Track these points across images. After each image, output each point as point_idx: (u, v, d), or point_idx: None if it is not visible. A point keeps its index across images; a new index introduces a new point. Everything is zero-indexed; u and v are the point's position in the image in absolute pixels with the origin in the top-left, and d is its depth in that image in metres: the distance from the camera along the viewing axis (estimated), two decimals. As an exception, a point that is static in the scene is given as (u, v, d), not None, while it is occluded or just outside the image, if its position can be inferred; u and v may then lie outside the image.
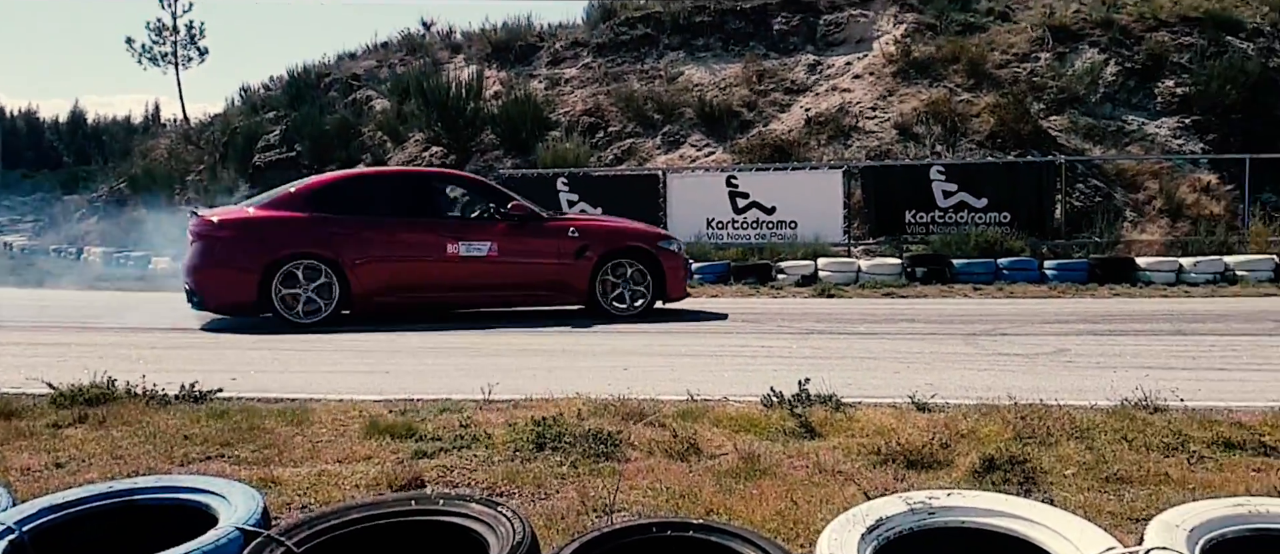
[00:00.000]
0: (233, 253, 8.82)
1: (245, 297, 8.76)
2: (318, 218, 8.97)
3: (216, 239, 8.87)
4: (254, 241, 8.84)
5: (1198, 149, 16.00)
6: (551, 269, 9.40)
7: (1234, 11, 18.32)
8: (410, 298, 9.19)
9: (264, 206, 9.25)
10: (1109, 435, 4.18)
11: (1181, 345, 7.41)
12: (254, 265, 8.69)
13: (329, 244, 8.86)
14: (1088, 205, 14.97)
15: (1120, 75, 17.27)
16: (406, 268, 9.14)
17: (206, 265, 8.84)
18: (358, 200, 9.32)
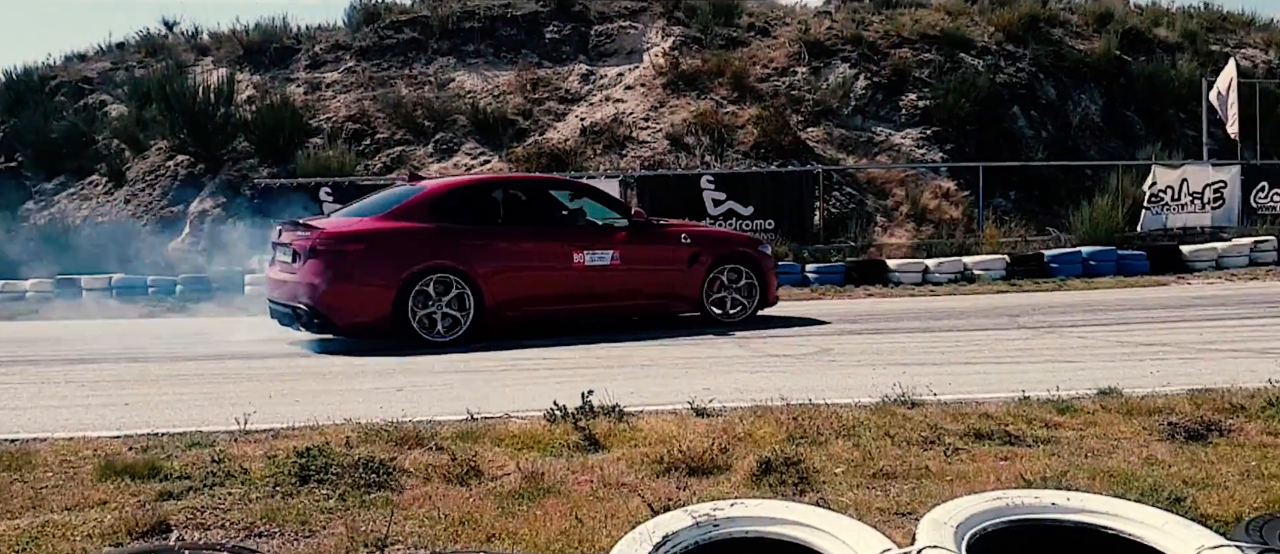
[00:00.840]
0: (367, 267, 8.05)
1: (380, 314, 7.97)
2: (445, 228, 8.33)
3: (346, 253, 8.04)
4: (388, 254, 8.08)
5: (938, 158, 17.41)
6: (667, 277, 9.11)
7: (966, 31, 20.12)
8: (540, 310, 8.70)
9: (383, 216, 8.42)
10: (873, 432, 4.35)
11: (932, 342, 7.97)
12: (391, 280, 7.97)
13: (461, 255, 8.23)
14: (843, 211, 15.93)
15: (869, 89, 18.53)
16: (537, 279, 8.64)
17: (336, 282, 7.91)
18: (480, 208, 8.74)
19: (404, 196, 8.76)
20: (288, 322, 8.33)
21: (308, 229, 8.25)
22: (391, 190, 9.68)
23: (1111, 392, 5.11)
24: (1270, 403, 4.62)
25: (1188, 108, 19.64)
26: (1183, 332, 7.97)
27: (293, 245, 8.20)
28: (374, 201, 9.20)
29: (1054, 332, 8.28)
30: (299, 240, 8.14)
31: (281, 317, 8.41)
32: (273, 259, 8.80)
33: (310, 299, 7.94)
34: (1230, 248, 14.45)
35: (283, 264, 8.41)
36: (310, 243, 8.02)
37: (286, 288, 8.23)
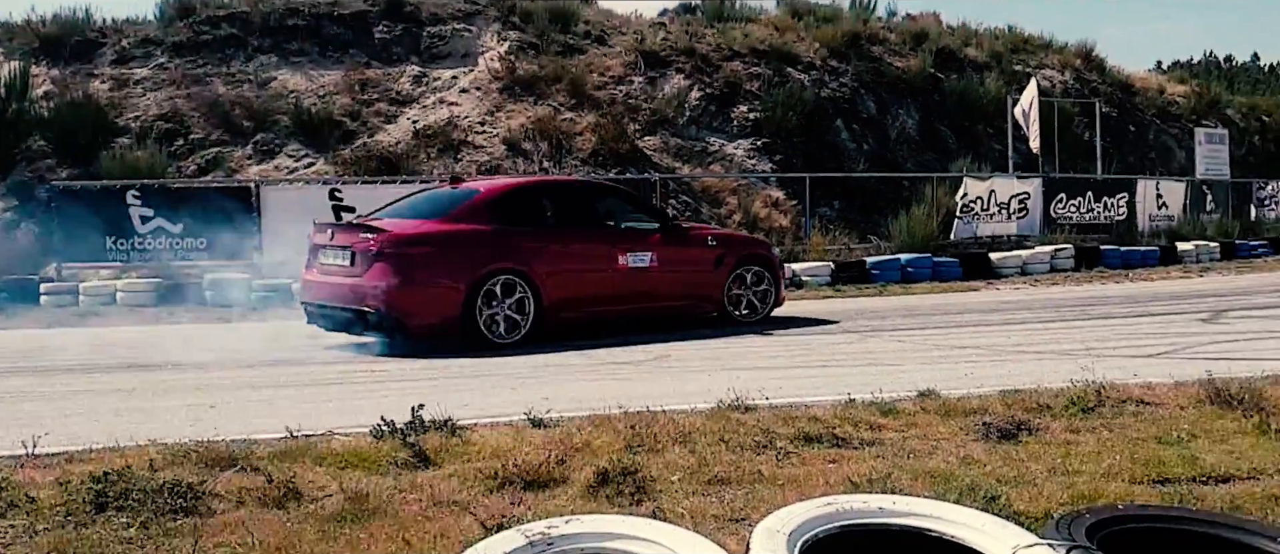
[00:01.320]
0: (437, 269, 8.01)
1: (450, 316, 7.90)
2: (506, 230, 8.38)
3: (416, 255, 7.96)
4: (458, 257, 8.08)
5: (768, 168, 17.92)
6: (696, 278, 9.33)
7: (793, 47, 20.84)
8: (590, 312, 8.79)
9: (446, 218, 8.37)
10: (709, 438, 4.37)
11: (764, 346, 8.14)
12: (461, 282, 7.95)
13: (522, 257, 8.28)
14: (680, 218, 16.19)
15: (703, 100, 18.90)
16: (588, 280, 8.74)
17: (407, 285, 7.78)
18: (533, 210, 8.80)
19: (460, 198, 8.78)
20: (338, 325, 8.25)
21: (372, 230, 8.08)
22: (432, 191, 9.83)
23: (930, 393, 5.33)
24: (1072, 402, 4.92)
25: (995, 124, 21.00)
26: (993, 335, 8.47)
27: (352, 247, 8.04)
28: (419, 203, 9.18)
29: (876, 336, 8.62)
30: (362, 242, 7.99)
31: (330, 320, 8.29)
32: (313, 262, 8.58)
33: (380, 302, 7.76)
34: (1034, 255, 15.53)
35: (335, 267, 8.20)
36: (378, 245, 7.88)
37: (341, 291, 8.06)
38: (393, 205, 9.35)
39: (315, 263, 8.55)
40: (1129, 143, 25.40)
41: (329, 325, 8.40)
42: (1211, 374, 5.19)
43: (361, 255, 7.96)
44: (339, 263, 8.19)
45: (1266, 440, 4.19)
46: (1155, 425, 4.52)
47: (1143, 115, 27.19)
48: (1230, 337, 7.90)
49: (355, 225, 8.47)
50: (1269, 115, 35.11)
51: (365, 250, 7.94)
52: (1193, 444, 4.19)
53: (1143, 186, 19.30)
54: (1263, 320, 8.93)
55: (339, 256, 8.20)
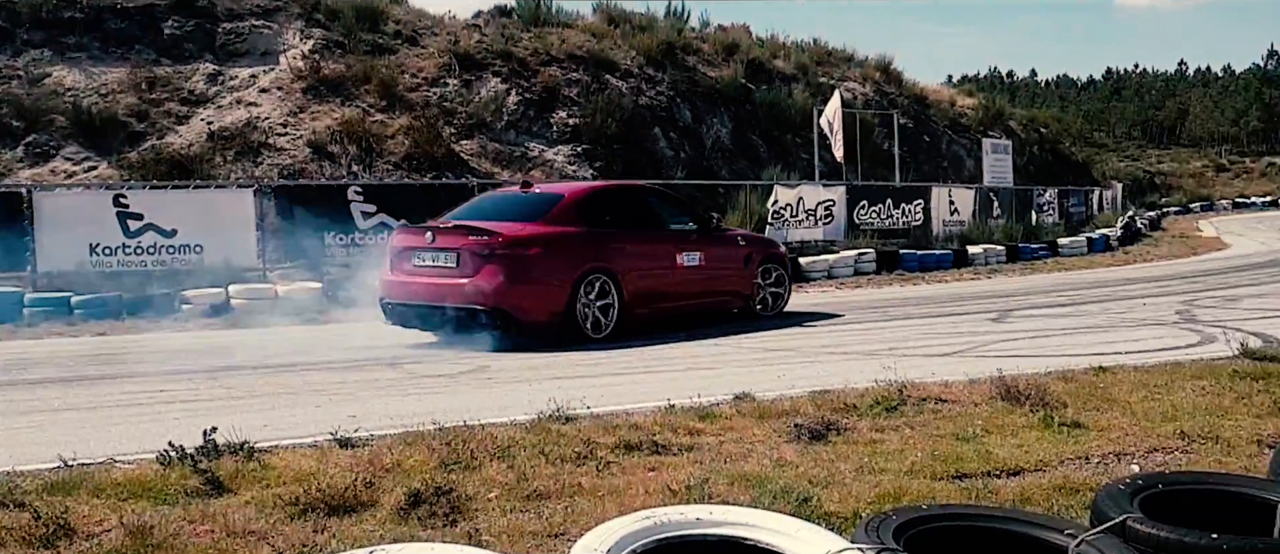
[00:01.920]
0: (546, 268, 8.42)
1: (557, 312, 8.35)
2: (592, 231, 8.83)
3: (527, 256, 8.35)
4: (563, 256, 8.54)
5: (588, 174, 17.96)
6: (732, 276, 9.92)
7: (610, 54, 21.00)
8: (656, 308, 9.23)
9: (544, 221, 8.71)
10: (528, 451, 4.26)
11: (586, 355, 8.08)
12: (566, 280, 8.38)
13: (608, 256, 8.75)
14: (498, 225, 15.96)
15: (521, 105, 18.74)
16: (655, 278, 9.21)
17: (520, 283, 8.22)
18: (609, 213, 9.22)
19: (549, 201, 9.21)
20: (439, 324, 8.56)
21: (483, 233, 8.33)
22: (502, 194, 10.33)
23: (746, 396, 5.42)
24: (877, 401, 5.11)
25: (803, 133, 21.90)
26: (803, 337, 8.75)
27: (461, 249, 8.31)
28: (496, 205, 9.47)
29: (696, 340, 8.74)
30: (471, 244, 8.27)
31: (427, 319, 8.60)
32: (400, 264, 8.78)
33: (495, 300, 8.11)
34: (839, 259, 16.25)
35: (436, 268, 8.47)
36: (491, 246, 8.20)
37: (446, 290, 8.31)
38: (461, 209, 9.61)
39: (404, 265, 8.72)
40: (924, 152, 27.11)
41: (425, 325, 8.74)
42: (1001, 371, 5.51)
43: (473, 256, 8.24)
44: (441, 264, 8.45)
45: (1051, 434, 4.48)
46: (953, 422, 4.76)
47: (936, 126, 29.08)
48: (1016, 335, 8.48)
49: (461, 228, 8.61)
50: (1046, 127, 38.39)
51: (478, 251, 8.24)
52: (987, 440, 4.43)
53: (937, 193, 20.61)
54: (1044, 319, 9.65)
55: (441, 258, 8.46)
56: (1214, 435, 4.37)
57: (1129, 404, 5.03)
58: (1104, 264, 18.31)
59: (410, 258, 8.71)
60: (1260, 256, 18.79)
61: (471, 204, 9.98)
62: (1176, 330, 8.30)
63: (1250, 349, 6.36)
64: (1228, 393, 5.15)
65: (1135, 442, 4.35)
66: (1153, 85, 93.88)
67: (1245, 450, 4.18)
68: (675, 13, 25.39)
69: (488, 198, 10.41)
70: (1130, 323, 8.98)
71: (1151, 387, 5.41)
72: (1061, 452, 4.23)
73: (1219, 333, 7.81)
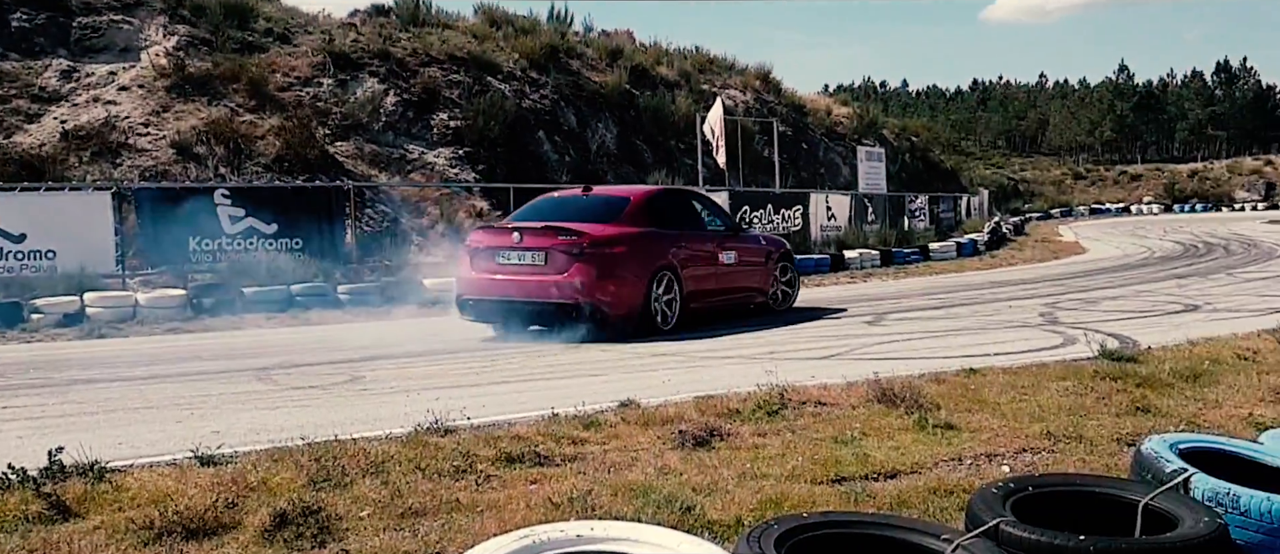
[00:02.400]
0: (629, 266, 8.97)
1: (637, 306, 8.96)
2: (657, 231, 9.46)
3: (613, 254, 8.86)
4: (641, 254, 9.10)
5: (471, 177, 17.66)
6: (757, 273, 10.73)
7: (492, 56, 20.73)
8: (705, 303, 9.90)
9: (619, 222, 9.25)
10: (404, 466, 4.11)
11: (467, 362, 7.90)
12: (644, 276, 9.02)
13: (671, 254, 9.40)
14: (377, 230, 15.50)
15: (400, 106, 18.29)
16: (705, 275, 9.90)
17: (607, 279, 8.78)
18: (666, 214, 9.86)
19: (617, 203, 9.79)
20: (524, 319, 9.12)
21: (572, 232, 8.83)
22: (562, 195, 10.72)
23: (631, 403, 5.37)
24: (759, 406, 5.14)
25: (686, 139, 22.10)
26: (688, 341, 8.77)
27: (551, 248, 8.80)
28: (564, 206, 9.85)
29: (579, 347, 8.65)
30: (561, 243, 8.79)
31: (513, 314, 9.12)
32: (481, 263, 9.21)
33: (585, 296, 8.67)
34: (721, 263, 16.42)
35: (523, 266, 8.93)
36: (580, 245, 8.74)
37: (534, 287, 8.84)
38: (524, 210, 10.17)
39: (487, 264, 9.16)
40: (803, 159, 27.74)
41: (508, 321, 9.25)
42: (878, 374, 5.63)
43: (563, 254, 8.76)
44: (528, 262, 8.92)
45: (926, 435, 4.58)
46: (832, 426, 4.81)
47: (814, 134, 29.81)
48: (891, 337, 8.71)
49: (551, 228, 9.02)
50: (918, 136, 39.88)
51: (567, 250, 8.76)
52: (864, 442, 4.49)
53: (815, 199, 21.10)
54: (917, 322, 9.94)
55: (528, 257, 8.93)
56: (1078, 435, 4.54)
57: (998, 405, 5.19)
58: (972, 268, 19.06)
59: (494, 257, 9.15)
60: (1115, 260, 19.89)
61: (533, 205, 10.38)
62: (1041, 332, 8.66)
63: (1109, 350, 6.67)
64: (1089, 393, 5.37)
65: (1005, 442, 4.48)
66: (1016, 96, 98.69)
67: (1107, 449, 4.35)
68: (558, 16, 25.30)
69: (547, 200, 10.69)
70: (998, 325, 9.33)
71: (1019, 388, 5.60)
72: (936, 453, 4.32)
73: (1080, 334, 8.19)
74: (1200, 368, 6.01)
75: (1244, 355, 6.51)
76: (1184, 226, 36.85)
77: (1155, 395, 5.34)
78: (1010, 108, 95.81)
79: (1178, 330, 8.27)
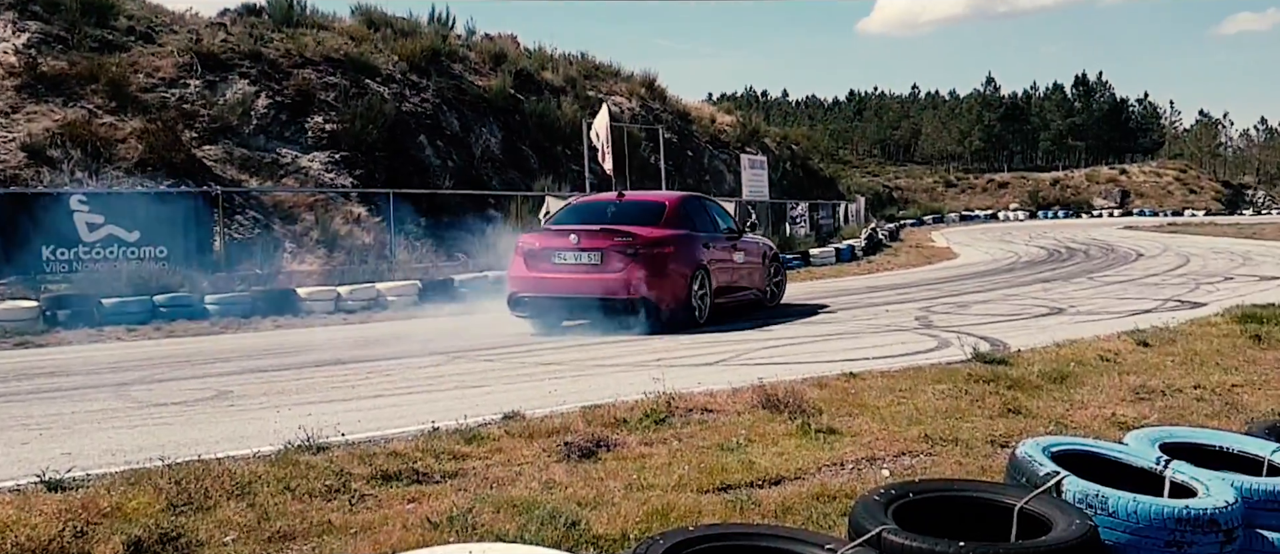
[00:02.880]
0: (676, 264, 9.82)
1: (681, 301, 9.79)
2: (690, 234, 10.20)
3: (663, 254, 9.69)
4: (683, 254, 9.93)
5: (348, 183, 17.15)
6: (758, 272, 11.59)
7: (371, 58, 20.20)
8: (727, 299, 10.74)
9: (661, 225, 9.97)
10: (272, 486, 3.90)
11: (344, 375, 7.61)
12: (687, 274, 9.90)
13: (703, 254, 10.20)
14: (248, 237, 14.87)
15: (272, 109, 17.63)
16: (727, 274, 10.76)
17: (660, 277, 9.57)
18: (693, 218, 10.57)
19: (653, 208, 10.54)
20: (577, 313, 9.87)
21: (627, 234, 9.68)
22: (604, 199, 11.24)
23: (515, 415, 5.25)
24: (646, 414, 5.09)
25: (573, 145, 22.02)
26: (575, 351, 8.67)
27: (607, 249, 9.59)
28: (601, 210, 10.56)
29: (464, 357, 8.46)
30: (617, 244, 9.59)
31: (570, 309, 9.86)
32: (537, 262, 9.89)
33: (640, 292, 9.45)
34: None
35: (579, 265, 9.67)
36: (635, 246, 9.57)
37: (592, 284, 9.59)
38: (561, 213, 10.98)
39: (543, 264, 9.85)
40: (688, 166, 28.02)
41: (562, 316, 9.97)
42: (762, 380, 5.66)
43: (618, 255, 9.56)
44: (586, 262, 9.67)
45: (809, 441, 4.61)
46: (717, 433, 4.80)
47: (698, 141, 30.15)
48: (775, 342, 8.81)
49: (607, 231, 9.81)
50: (798, 144, 40.79)
51: (623, 250, 9.56)
52: (750, 449, 4.49)
53: (700, 206, 21.26)
54: (799, 326, 10.10)
55: (585, 257, 9.68)
56: (954, 437, 4.64)
57: (878, 409, 5.27)
58: (851, 273, 19.57)
59: (550, 257, 9.84)
60: (984, 265, 20.72)
61: (574, 209, 11.08)
62: (917, 335, 8.90)
63: (981, 352, 6.88)
64: (964, 395, 5.52)
65: (885, 446, 4.55)
66: (890, 107, 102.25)
67: (981, 451, 4.46)
68: (440, 19, 24.88)
69: (585, 204, 11.34)
70: (876, 329, 9.56)
71: (897, 391, 5.72)
72: (819, 459, 4.34)
73: (954, 337, 8.45)
74: (1066, 370, 6.25)
75: (1106, 356, 6.81)
76: (1047, 232, 38.79)
77: (1025, 397, 5.52)
78: (885, 118, 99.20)
79: (1044, 333, 8.62)
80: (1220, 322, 8.55)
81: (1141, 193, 78.11)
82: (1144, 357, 6.89)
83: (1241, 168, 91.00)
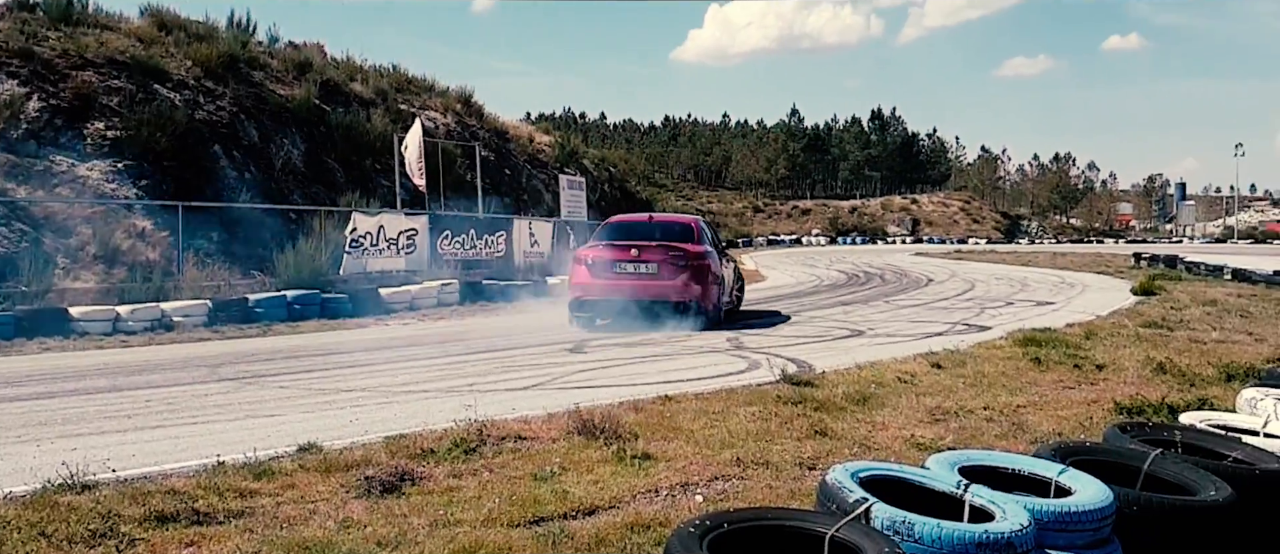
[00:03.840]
0: (712, 274, 11.93)
1: (717, 304, 12.04)
2: (713, 249, 12.37)
3: (704, 266, 11.84)
4: (713, 266, 12.04)
5: (132, 194, 15.86)
6: (734, 281, 13.69)
7: (161, 62, 18.83)
8: (730, 305, 13.23)
9: (693, 242, 12.11)
10: (25, 532, 3.48)
11: (118, 403, 6.93)
12: (718, 283, 12.11)
13: (721, 267, 12.44)
14: (13, 251, 13.45)
15: (46, 112, 16.10)
16: (729, 282, 13.06)
17: (704, 283, 11.76)
18: (708, 236, 12.70)
19: (683, 226, 12.81)
20: (631, 314, 11.58)
21: (678, 250, 11.75)
22: (638, 219, 13.58)
23: (311, 447, 4.91)
24: (456, 443, 4.86)
25: (383, 160, 21.29)
26: (381, 374, 8.27)
27: (662, 261, 11.63)
28: (639, 228, 12.62)
29: (257, 382, 7.91)
30: (671, 256, 11.66)
31: (620, 311, 11.65)
32: (602, 272, 11.70)
33: (690, 296, 11.59)
34: (422, 291, 15.88)
35: (640, 274, 11.64)
36: (686, 259, 11.68)
37: (653, 290, 11.59)
38: (606, 231, 12.70)
39: (607, 273, 11.67)
40: (506, 184, 27.71)
41: (619, 316, 11.67)
42: (578, 405, 5.54)
43: (672, 266, 11.61)
44: (645, 272, 11.64)
45: (624, 467, 4.52)
46: (531, 461, 4.64)
47: (516, 160, 29.90)
48: (592, 365, 8.71)
49: (662, 246, 11.76)
50: (616, 166, 41.23)
51: (675, 262, 11.63)
52: (564, 478, 4.35)
53: (518, 225, 21.07)
54: (616, 348, 10.02)
55: (644, 267, 11.64)
56: (765, 461, 4.67)
57: (692, 432, 5.26)
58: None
59: (613, 267, 11.70)
60: (791, 288, 21.50)
61: (617, 226, 12.91)
62: (729, 357, 9.04)
63: (789, 374, 7.03)
64: (773, 417, 5.59)
65: (699, 471, 4.52)
66: (703, 134, 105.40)
67: (791, 473, 4.50)
68: (239, 24, 23.57)
69: (626, 222, 13.31)
70: (690, 350, 9.64)
71: (711, 414, 5.73)
72: (634, 486, 4.26)
73: (763, 359, 8.63)
74: (867, 391, 6.47)
75: (903, 378, 7.11)
76: (847, 257, 40.85)
77: (831, 419, 5.65)
78: (698, 144, 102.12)
79: (847, 354, 8.95)
80: (1004, 345, 9.13)
81: (931, 221, 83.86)
82: (938, 378, 7.24)
83: (1017, 200, 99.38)
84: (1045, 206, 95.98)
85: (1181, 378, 7.24)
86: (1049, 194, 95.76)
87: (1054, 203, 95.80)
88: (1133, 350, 8.77)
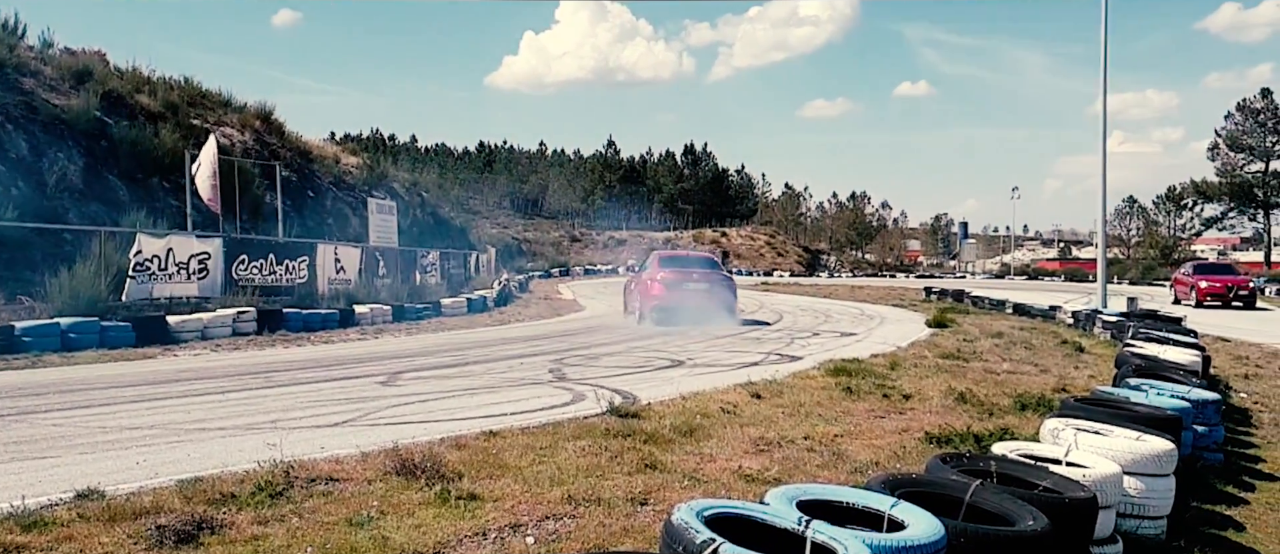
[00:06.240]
0: (735, 287, 18.97)
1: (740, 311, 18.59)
2: (728, 272, 19.58)
3: (733, 284, 18.73)
4: (733, 285, 19.02)
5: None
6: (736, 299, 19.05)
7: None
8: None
9: (718, 269, 19.61)
10: None
11: None
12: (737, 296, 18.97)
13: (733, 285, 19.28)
14: None
15: None
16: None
17: (734, 294, 18.32)
18: (722, 264, 21.45)
19: (706, 258, 21.28)
20: (686, 319, 16.84)
21: (718, 275, 18.77)
22: (676, 253, 22.73)
23: (92, 493, 4.39)
24: (260, 487, 4.46)
25: (172, 178, 19.86)
26: (171, 410, 7.57)
27: (712, 281, 18.06)
28: (676, 259, 19.78)
29: (24, 419, 7.05)
30: (716, 277, 18.49)
31: (681, 317, 16.91)
32: (673, 288, 17.50)
33: (731, 304, 17.93)
34: (215, 318, 14.77)
35: (697, 290, 17.52)
36: (724, 281, 18.63)
37: (709, 301, 17.41)
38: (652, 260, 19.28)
39: (675, 289, 17.42)
40: (309, 207, 26.48)
41: (679, 321, 16.77)
42: (396, 443, 5.23)
43: (716, 286, 17.95)
44: (700, 287, 17.62)
45: (448, 510, 4.26)
46: (345, 505, 4.31)
47: (321, 181, 28.66)
48: (408, 399, 8.29)
49: (707, 273, 18.59)
50: (428, 191, 40.24)
51: (718, 283, 18.13)
52: (383, 523, 4.06)
53: (323, 251, 20.06)
54: (433, 381, 9.64)
55: (702, 285, 17.75)
56: (596, 497, 4.53)
57: (519, 469, 5.05)
58: (483, 324, 19.40)
59: (682, 286, 17.43)
60: (611, 317, 21.54)
61: (667, 258, 19.43)
62: (552, 389, 8.85)
63: (615, 406, 6.94)
64: (603, 452, 5.46)
65: (528, 510, 4.32)
66: (519, 161, 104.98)
67: (623, 510, 4.38)
68: (5, 25, 21.46)
69: (670, 256, 20.11)
70: (512, 382, 9.39)
71: (538, 449, 5.54)
72: (459, 529, 4.02)
73: (588, 390, 8.50)
74: (694, 423, 6.46)
75: (727, 409, 7.16)
76: (659, 287, 41.42)
77: (660, 452, 5.59)
78: (514, 171, 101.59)
79: (670, 384, 8.96)
80: (817, 375, 9.41)
81: (739, 254, 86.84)
82: (759, 408, 7.34)
83: (818, 235, 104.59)
84: (843, 242, 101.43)
85: (980, 407, 7.66)
86: (846, 230, 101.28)
87: (851, 239, 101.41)
88: (935, 380, 9.23)
